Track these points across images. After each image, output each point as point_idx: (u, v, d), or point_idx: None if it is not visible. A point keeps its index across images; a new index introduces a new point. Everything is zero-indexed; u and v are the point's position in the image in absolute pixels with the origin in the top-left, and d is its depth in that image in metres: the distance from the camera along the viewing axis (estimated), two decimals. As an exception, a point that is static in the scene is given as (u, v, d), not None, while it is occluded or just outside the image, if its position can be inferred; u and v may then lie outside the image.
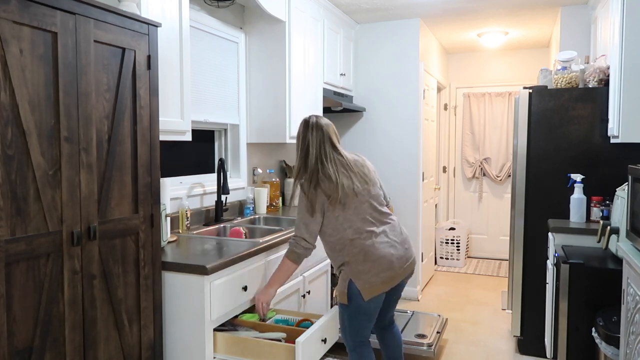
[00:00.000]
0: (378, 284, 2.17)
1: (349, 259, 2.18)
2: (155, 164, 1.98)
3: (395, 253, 2.23)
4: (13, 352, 1.46)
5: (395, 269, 2.21)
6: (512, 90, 5.80)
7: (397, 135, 4.52)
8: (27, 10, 1.46)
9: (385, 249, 2.20)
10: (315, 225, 2.21)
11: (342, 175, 2.20)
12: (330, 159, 2.21)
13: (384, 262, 2.18)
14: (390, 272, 2.19)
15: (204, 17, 2.99)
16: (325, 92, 3.95)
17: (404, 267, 2.25)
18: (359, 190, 2.22)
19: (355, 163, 2.28)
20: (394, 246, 2.23)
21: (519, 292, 3.34)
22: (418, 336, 3.24)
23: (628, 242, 2.18)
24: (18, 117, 1.45)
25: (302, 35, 3.51)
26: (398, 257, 2.23)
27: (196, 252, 2.22)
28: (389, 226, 2.27)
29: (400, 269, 2.23)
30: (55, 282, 1.58)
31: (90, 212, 1.69)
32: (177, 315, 2.04)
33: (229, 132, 3.40)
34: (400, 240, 2.28)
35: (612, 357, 2.16)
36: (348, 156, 2.29)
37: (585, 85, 3.19)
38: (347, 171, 2.22)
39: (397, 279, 2.23)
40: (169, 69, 2.31)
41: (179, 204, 2.76)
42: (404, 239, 2.31)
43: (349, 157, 2.29)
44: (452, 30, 4.93)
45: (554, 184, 3.23)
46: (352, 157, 2.31)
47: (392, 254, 2.21)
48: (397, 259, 2.22)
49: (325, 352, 2.18)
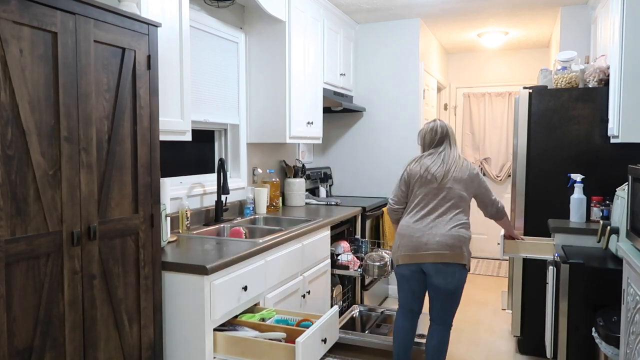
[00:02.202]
0: (399, 256, 2.60)
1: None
2: (155, 164, 1.98)
3: (422, 239, 2.53)
4: (13, 352, 1.46)
5: (410, 249, 2.54)
6: (512, 90, 5.80)
7: (397, 135, 4.52)
8: (27, 10, 1.46)
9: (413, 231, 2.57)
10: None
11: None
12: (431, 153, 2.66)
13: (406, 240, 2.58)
14: (405, 250, 2.57)
15: (204, 17, 2.99)
16: (325, 92, 3.95)
17: (421, 252, 2.52)
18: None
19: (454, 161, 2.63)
20: (425, 233, 2.54)
21: (519, 292, 3.34)
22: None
23: (628, 242, 2.18)
24: (18, 117, 1.45)
25: (302, 35, 3.51)
26: (421, 243, 2.53)
27: (196, 252, 2.22)
28: (440, 219, 2.58)
29: (415, 250, 2.53)
30: (55, 282, 1.58)
31: (90, 212, 1.69)
32: (177, 315, 2.04)
33: (229, 132, 3.40)
34: (439, 232, 2.53)
35: (612, 357, 2.16)
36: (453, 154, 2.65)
37: (585, 85, 3.19)
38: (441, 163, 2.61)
39: (412, 259, 2.55)
40: (169, 69, 2.31)
41: (179, 204, 2.76)
42: (445, 234, 2.54)
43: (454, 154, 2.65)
44: (452, 30, 4.93)
45: (554, 184, 3.23)
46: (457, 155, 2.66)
47: (417, 237, 2.54)
48: (418, 243, 2.53)
49: (325, 352, 2.18)
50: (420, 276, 2.60)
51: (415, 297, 2.68)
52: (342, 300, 3.56)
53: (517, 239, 2.97)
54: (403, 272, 2.63)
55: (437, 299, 2.59)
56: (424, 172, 2.60)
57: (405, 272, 2.62)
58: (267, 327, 2.15)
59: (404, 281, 2.66)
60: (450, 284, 2.54)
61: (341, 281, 3.55)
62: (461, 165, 2.61)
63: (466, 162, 2.65)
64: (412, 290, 2.66)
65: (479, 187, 2.67)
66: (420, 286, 2.64)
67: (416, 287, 2.64)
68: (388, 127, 4.55)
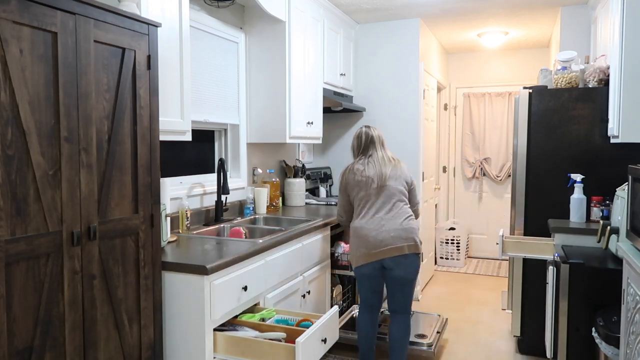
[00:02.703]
0: (359, 256, 2.73)
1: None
2: (155, 164, 1.98)
3: (378, 237, 2.67)
4: (13, 352, 1.46)
5: (369, 247, 2.68)
6: (512, 90, 5.80)
7: (397, 135, 4.52)
8: (27, 10, 1.46)
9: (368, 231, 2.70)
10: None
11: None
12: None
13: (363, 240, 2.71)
14: (364, 250, 2.70)
15: (204, 17, 2.99)
16: (325, 92, 3.95)
17: (380, 249, 2.67)
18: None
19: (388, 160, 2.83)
20: (379, 231, 2.68)
21: (519, 292, 3.34)
22: (418, 336, 3.24)
23: (628, 242, 2.18)
24: (18, 117, 1.45)
25: (302, 35, 3.51)
26: (377, 240, 2.67)
27: (196, 252, 2.22)
28: (389, 215, 2.72)
29: (374, 249, 2.67)
30: (55, 282, 1.58)
31: (90, 212, 1.69)
32: (177, 315, 2.04)
33: (229, 132, 3.40)
34: (392, 228, 2.68)
35: (612, 357, 2.16)
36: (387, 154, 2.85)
37: (585, 85, 3.19)
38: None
39: (373, 257, 2.69)
40: (169, 69, 2.31)
41: (179, 204, 2.76)
42: (398, 229, 2.69)
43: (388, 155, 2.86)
44: (452, 30, 4.93)
45: (554, 184, 3.23)
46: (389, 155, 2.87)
47: (373, 236, 2.68)
48: (375, 241, 2.67)
49: (325, 352, 2.18)
50: (380, 272, 2.76)
51: (375, 293, 2.85)
52: (342, 300, 3.56)
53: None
54: (364, 271, 2.75)
55: (398, 289, 2.78)
56: (360, 177, 2.78)
57: (366, 271, 2.75)
58: (267, 327, 2.15)
59: (365, 280, 2.80)
60: (410, 273, 2.74)
61: (341, 281, 3.55)
62: (394, 164, 2.82)
63: (399, 162, 2.86)
64: (373, 287, 2.82)
65: (412, 183, 2.89)
66: (379, 282, 2.82)
67: (376, 284, 2.81)
68: (388, 127, 4.55)
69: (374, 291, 2.83)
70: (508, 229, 4.67)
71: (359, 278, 2.82)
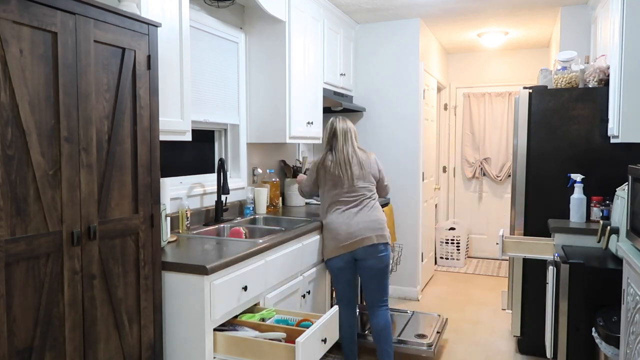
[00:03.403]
0: (331, 249, 2.86)
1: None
2: (155, 164, 1.98)
3: (349, 229, 2.80)
4: (13, 352, 1.46)
5: (340, 240, 2.81)
6: (512, 90, 5.80)
7: (397, 135, 4.52)
8: (27, 10, 1.46)
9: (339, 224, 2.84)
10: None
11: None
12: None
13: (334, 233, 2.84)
14: (335, 243, 2.83)
15: (204, 17, 2.99)
16: (325, 92, 3.95)
17: (350, 241, 2.79)
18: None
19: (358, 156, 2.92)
20: (350, 224, 2.81)
21: (519, 292, 3.34)
22: (418, 336, 3.24)
23: (628, 242, 2.18)
24: (18, 117, 1.45)
25: (302, 35, 3.51)
26: (349, 233, 2.80)
27: (196, 252, 2.22)
28: (358, 208, 2.86)
29: (345, 241, 2.80)
30: (55, 282, 1.58)
31: (90, 212, 1.69)
32: (177, 315, 2.04)
33: (229, 132, 3.40)
34: (362, 220, 2.82)
35: (612, 357, 2.16)
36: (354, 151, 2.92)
37: (585, 85, 3.19)
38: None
39: (344, 249, 2.81)
40: (169, 69, 2.31)
41: (179, 204, 2.76)
42: (367, 221, 2.82)
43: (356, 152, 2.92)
44: (452, 30, 4.93)
45: (554, 184, 3.23)
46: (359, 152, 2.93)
47: (343, 229, 2.81)
48: (346, 234, 2.80)
49: (325, 352, 2.18)
50: (353, 265, 2.88)
51: (351, 287, 2.96)
52: (342, 300, 3.55)
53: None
54: (337, 264, 2.87)
55: (372, 280, 2.88)
56: (331, 173, 2.88)
57: (339, 264, 2.87)
58: (267, 327, 2.15)
59: (339, 273, 2.91)
60: (381, 262, 2.84)
61: (341, 281, 3.55)
62: (361, 161, 2.89)
63: (365, 153, 2.95)
64: (348, 280, 2.93)
65: (380, 172, 3.00)
66: (354, 274, 2.93)
67: (350, 276, 2.92)
68: (388, 127, 4.55)
69: (350, 284, 2.94)
70: (508, 229, 4.67)
71: (333, 272, 2.93)
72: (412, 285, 4.57)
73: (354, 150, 2.89)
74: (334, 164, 2.87)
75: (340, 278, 2.92)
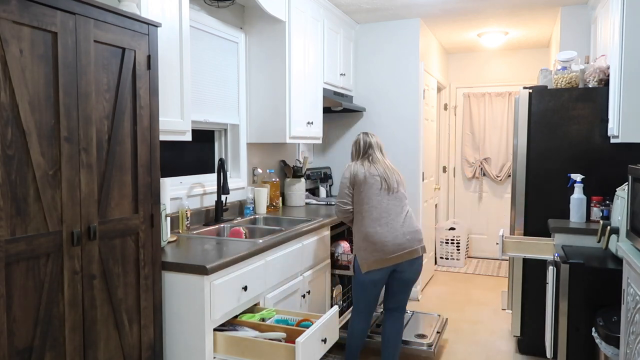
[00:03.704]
0: (373, 262, 2.66)
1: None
2: (155, 164, 1.98)
3: (396, 240, 2.66)
4: (13, 352, 1.46)
5: (387, 252, 2.65)
6: (512, 90, 5.80)
7: (397, 135, 4.52)
8: (27, 10, 1.46)
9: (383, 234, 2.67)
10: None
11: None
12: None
13: (378, 245, 2.67)
14: (380, 254, 2.66)
15: (204, 17, 2.99)
16: (325, 92, 3.95)
17: (397, 253, 2.66)
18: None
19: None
20: (396, 235, 2.67)
21: (519, 292, 3.34)
22: (418, 336, 3.25)
23: (628, 242, 2.18)
24: (18, 117, 1.45)
25: (302, 35, 3.51)
26: (395, 245, 2.66)
27: (196, 252, 2.22)
28: (400, 217, 2.73)
29: (392, 253, 2.66)
30: (55, 282, 1.58)
31: (90, 212, 1.69)
32: (177, 315, 2.04)
33: (229, 132, 3.40)
34: (406, 231, 2.71)
35: (612, 357, 2.16)
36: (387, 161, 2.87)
37: (585, 85, 3.19)
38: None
39: (389, 262, 2.66)
40: (169, 69, 2.31)
41: (179, 204, 2.76)
42: (411, 231, 2.72)
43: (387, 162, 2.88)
44: (452, 30, 4.93)
45: (554, 184, 3.23)
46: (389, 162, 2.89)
47: (390, 240, 2.66)
48: (393, 245, 2.66)
49: (325, 352, 2.18)
50: (387, 277, 2.75)
51: (376, 299, 2.83)
52: (342, 300, 3.55)
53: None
54: (374, 277, 2.70)
55: (404, 291, 2.83)
56: (368, 174, 2.76)
57: (377, 277, 2.70)
58: (267, 327, 2.15)
59: (372, 286, 2.74)
60: (417, 274, 2.80)
61: (341, 281, 3.55)
62: (395, 171, 2.84)
63: (395, 168, 2.89)
64: (377, 294, 2.79)
65: (404, 183, 2.94)
66: (382, 288, 2.81)
67: (379, 290, 2.80)
68: (388, 127, 4.55)
69: (376, 298, 2.82)
70: (508, 229, 4.67)
71: (365, 284, 2.73)
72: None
73: (388, 163, 2.87)
74: (374, 171, 2.75)
75: (372, 292, 2.76)
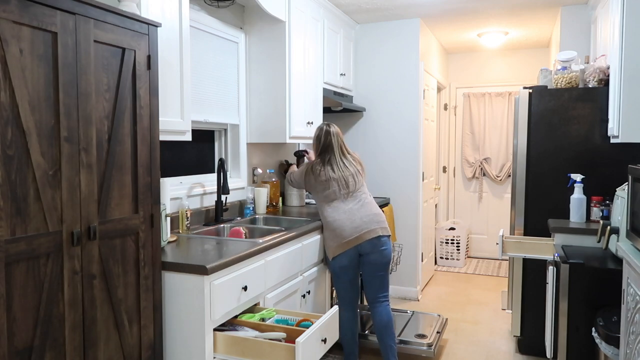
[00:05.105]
0: (336, 246, 2.82)
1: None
2: (155, 164, 1.98)
3: (353, 224, 2.80)
4: (13, 352, 1.46)
5: (345, 236, 2.79)
6: (512, 90, 5.80)
7: (397, 135, 4.52)
8: (27, 10, 1.46)
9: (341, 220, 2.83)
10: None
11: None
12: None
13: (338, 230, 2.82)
14: (340, 239, 2.80)
15: (204, 17, 2.99)
16: (325, 92, 3.95)
17: (355, 235, 2.79)
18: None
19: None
20: (354, 219, 2.82)
21: (519, 292, 3.34)
22: (418, 336, 3.24)
23: (628, 242, 2.18)
24: (18, 117, 1.45)
25: (302, 35, 3.51)
26: (354, 227, 2.79)
27: (196, 252, 2.22)
28: (359, 203, 2.88)
29: (350, 236, 2.79)
30: (55, 282, 1.58)
31: (90, 212, 1.69)
32: (177, 315, 2.04)
33: (229, 132, 3.40)
34: (365, 213, 2.84)
35: (612, 357, 2.16)
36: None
37: (585, 85, 3.19)
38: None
39: (350, 244, 2.79)
40: (169, 69, 2.31)
41: (179, 204, 2.76)
42: (369, 214, 2.85)
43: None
44: (452, 30, 4.93)
45: (554, 184, 3.23)
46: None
47: (347, 224, 2.81)
48: (350, 229, 2.79)
49: (325, 352, 2.18)
50: (356, 262, 2.86)
51: (353, 286, 2.92)
52: (342, 300, 3.55)
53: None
54: (341, 262, 2.84)
55: (376, 276, 2.89)
56: (326, 185, 2.88)
57: (344, 262, 2.83)
58: (267, 327, 2.15)
59: (342, 272, 2.87)
60: (385, 257, 2.86)
61: (341, 281, 3.55)
62: (352, 171, 2.92)
63: (353, 158, 2.98)
64: (350, 279, 2.89)
65: (364, 169, 3.05)
66: (355, 273, 2.91)
67: (353, 275, 2.89)
68: (388, 127, 4.55)
69: (352, 284, 2.91)
70: (508, 229, 4.67)
71: (337, 272, 2.89)
72: (412, 285, 4.57)
73: (349, 163, 2.93)
74: (332, 174, 2.87)
75: (343, 277, 2.88)
